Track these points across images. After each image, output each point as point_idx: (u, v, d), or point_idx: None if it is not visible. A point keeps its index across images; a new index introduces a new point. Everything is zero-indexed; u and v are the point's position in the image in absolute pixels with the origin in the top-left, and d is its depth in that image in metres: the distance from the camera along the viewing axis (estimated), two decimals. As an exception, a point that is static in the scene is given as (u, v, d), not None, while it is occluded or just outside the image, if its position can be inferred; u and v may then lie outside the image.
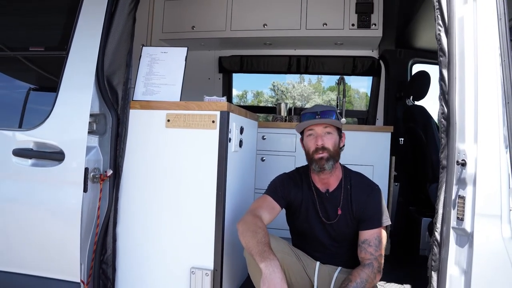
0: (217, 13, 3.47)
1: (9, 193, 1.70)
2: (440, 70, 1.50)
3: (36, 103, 1.81)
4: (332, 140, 1.72)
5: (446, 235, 1.43)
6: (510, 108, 1.32)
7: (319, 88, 19.82)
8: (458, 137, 1.39)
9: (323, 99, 20.60)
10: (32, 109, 1.78)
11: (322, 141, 1.70)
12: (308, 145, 1.76)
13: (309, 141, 1.75)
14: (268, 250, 1.46)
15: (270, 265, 1.41)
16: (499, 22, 1.37)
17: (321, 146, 1.69)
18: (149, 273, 1.82)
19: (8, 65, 1.90)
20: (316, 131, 1.73)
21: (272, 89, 20.59)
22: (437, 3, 1.50)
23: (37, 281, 1.65)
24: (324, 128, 1.73)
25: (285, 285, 1.39)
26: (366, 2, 3.20)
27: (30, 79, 1.92)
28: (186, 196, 1.77)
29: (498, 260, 1.31)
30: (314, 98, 20.51)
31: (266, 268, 1.41)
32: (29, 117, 1.74)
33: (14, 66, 1.90)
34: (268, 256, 1.44)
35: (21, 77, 1.91)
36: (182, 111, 1.76)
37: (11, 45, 1.89)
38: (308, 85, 19.90)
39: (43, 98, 1.82)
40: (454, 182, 1.40)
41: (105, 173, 1.77)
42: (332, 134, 1.73)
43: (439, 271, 1.46)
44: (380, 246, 1.65)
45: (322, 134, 1.72)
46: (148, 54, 1.98)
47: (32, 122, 1.68)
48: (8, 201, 1.70)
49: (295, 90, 19.87)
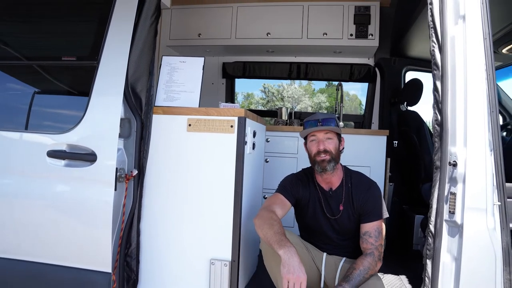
0: (223, 22, 3.67)
1: (43, 191, 1.84)
2: (434, 82, 1.69)
3: (69, 108, 1.96)
4: (332, 144, 1.91)
5: (440, 227, 1.62)
6: (494, 116, 1.53)
7: (310, 90, 19.94)
8: (450, 141, 1.59)
9: (313, 101, 20.71)
10: (65, 114, 1.94)
11: (324, 145, 1.89)
12: (311, 149, 1.95)
13: (312, 145, 1.94)
14: (285, 239, 1.65)
15: (288, 251, 1.59)
16: (484, 41, 1.57)
17: (323, 149, 1.89)
18: (170, 265, 1.98)
19: (42, 73, 2.05)
20: (318, 136, 1.92)
21: (263, 91, 20.47)
22: (432, 23, 1.70)
23: (72, 272, 1.80)
24: (325, 134, 1.92)
25: (303, 268, 1.57)
26: (364, 14, 3.42)
27: (63, 86, 2.08)
28: (206, 194, 1.94)
29: (484, 247, 1.50)
30: (304, 100, 20.62)
31: (284, 254, 1.58)
32: (62, 122, 1.89)
33: (48, 74, 2.05)
34: (285, 244, 1.62)
35: (54, 85, 2.07)
36: (202, 116, 1.93)
37: (45, 55, 2.05)
38: (298, 87, 19.97)
39: (75, 104, 1.97)
40: (447, 180, 1.60)
41: (131, 173, 1.93)
42: (333, 139, 1.93)
43: (433, 259, 1.65)
44: (379, 236, 1.84)
45: (324, 139, 1.91)
46: (168, 63, 2.16)
47: (65, 126, 1.84)
48: (42, 198, 1.85)
49: (286, 92, 19.89)
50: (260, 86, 20.39)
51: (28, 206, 1.85)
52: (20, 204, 1.87)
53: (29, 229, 1.86)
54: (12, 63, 2.08)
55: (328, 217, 1.95)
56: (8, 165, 1.88)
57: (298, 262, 1.57)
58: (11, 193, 1.87)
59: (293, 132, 3.23)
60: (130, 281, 1.97)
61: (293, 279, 1.54)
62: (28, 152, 1.86)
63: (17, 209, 1.87)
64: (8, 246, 1.88)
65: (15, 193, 1.87)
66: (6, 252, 1.87)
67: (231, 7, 3.65)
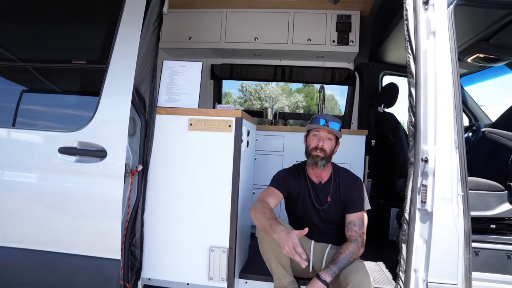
0: (212, 26, 3.84)
1: (55, 184, 1.98)
2: (409, 88, 1.93)
3: (80, 108, 2.10)
4: (330, 145, 2.13)
5: (413, 215, 1.86)
6: (459, 119, 1.79)
7: (287, 90, 20.07)
8: (422, 140, 1.82)
9: (291, 100, 20.84)
10: (76, 114, 2.07)
11: (323, 143, 2.11)
12: (311, 142, 2.15)
13: (312, 139, 2.14)
14: (276, 223, 1.85)
15: (281, 232, 1.78)
16: (451, 54, 1.83)
17: (321, 147, 2.10)
18: (172, 253, 2.16)
19: (53, 75, 2.18)
20: (320, 133, 2.13)
21: (241, 90, 20.40)
22: (407, 37, 1.94)
23: (84, 260, 1.94)
24: (328, 134, 2.13)
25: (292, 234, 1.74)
26: (345, 22, 3.69)
27: (73, 87, 2.22)
28: (205, 187, 2.13)
29: (449, 231, 1.75)
30: (281, 100, 20.72)
31: (278, 235, 1.78)
32: (73, 120, 2.03)
33: (59, 76, 2.18)
34: (277, 227, 1.82)
35: (64, 86, 2.20)
36: (203, 116, 2.12)
37: (57, 58, 2.18)
38: (276, 87, 20.05)
39: (85, 104, 2.10)
40: (419, 174, 1.84)
41: (136, 168, 2.09)
42: (332, 140, 2.14)
43: (407, 243, 1.88)
44: (362, 225, 2.08)
45: (325, 138, 2.12)
46: (169, 67, 2.32)
47: (77, 124, 1.98)
48: (54, 190, 1.98)
49: (263, 92, 19.92)
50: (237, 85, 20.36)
51: (42, 199, 1.99)
52: (34, 198, 2.00)
53: (42, 221, 1.99)
54: (25, 65, 2.22)
55: (316, 207, 2.17)
56: (23, 161, 2.01)
57: (286, 233, 1.75)
58: (26, 187, 2.01)
59: (279, 131, 3.45)
60: (134, 269, 2.13)
61: (286, 247, 1.72)
62: (41, 149, 1.98)
63: (31, 202, 2.00)
64: (23, 237, 2.01)
65: (30, 187, 2.00)
66: (22, 243, 2.00)
67: (220, 12, 3.83)
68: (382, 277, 2.35)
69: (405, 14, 1.93)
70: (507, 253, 2.10)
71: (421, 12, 1.89)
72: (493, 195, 2.19)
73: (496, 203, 2.18)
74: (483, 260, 2.10)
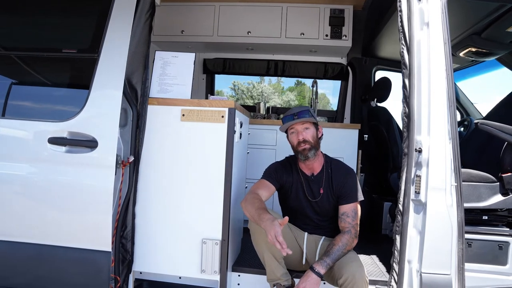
0: (205, 20, 3.80)
1: (45, 175, 1.93)
2: (403, 79, 1.93)
3: (70, 98, 2.06)
4: (310, 134, 2.12)
5: (407, 205, 1.86)
6: (452, 110, 1.79)
7: (279, 88, 20.11)
8: (416, 131, 1.83)
9: (283, 99, 20.89)
10: (66, 103, 2.03)
11: (303, 136, 2.10)
12: (292, 141, 2.15)
13: (293, 137, 2.15)
14: (264, 212, 1.84)
15: (267, 221, 1.78)
16: (444, 45, 1.83)
17: (302, 139, 2.09)
18: (164, 246, 2.12)
19: (43, 65, 2.13)
20: (296, 128, 2.13)
21: (233, 89, 20.43)
22: (401, 28, 1.94)
23: (75, 252, 1.90)
24: (302, 125, 2.12)
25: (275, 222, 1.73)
26: (339, 16, 3.68)
27: (64, 77, 2.17)
28: (198, 179, 2.10)
29: (443, 221, 1.76)
30: (274, 98, 20.73)
31: (265, 224, 1.77)
32: (63, 110, 1.99)
33: (49, 65, 2.13)
34: (264, 216, 1.81)
35: (54, 75, 2.15)
36: (195, 107, 2.09)
37: (47, 46, 2.14)
38: (268, 85, 20.09)
39: (75, 93, 2.06)
40: (413, 164, 1.84)
41: (127, 159, 2.05)
42: (310, 128, 2.13)
43: (401, 234, 1.88)
44: (356, 217, 2.07)
45: (302, 130, 2.11)
46: (161, 58, 2.28)
47: (67, 114, 1.94)
48: (44, 182, 1.94)
49: (255, 90, 19.97)
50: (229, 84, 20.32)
51: (31, 191, 1.94)
52: (23, 189, 1.95)
53: (31, 213, 1.94)
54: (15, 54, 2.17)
55: (309, 199, 2.16)
56: (11, 152, 1.96)
57: (270, 221, 1.76)
58: (15, 179, 1.96)
59: (272, 125, 3.43)
60: (125, 262, 2.10)
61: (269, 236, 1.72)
62: (30, 139, 1.94)
63: (20, 193, 1.95)
64: (13, 229, 1.96)
65: (18, 178, 1.96)
66: (12, 236, 1.95)
67: (213, 6, 3.79)
68: (376, 269, 2.36)
69: (399, 5, 1.92)
70: (499, 244, 2.12)
71: (414, 3, 1.89)
72: (486, 186, 2.20)
73: (488, 195, 2.19)
74: (475, 251, 2.12)
